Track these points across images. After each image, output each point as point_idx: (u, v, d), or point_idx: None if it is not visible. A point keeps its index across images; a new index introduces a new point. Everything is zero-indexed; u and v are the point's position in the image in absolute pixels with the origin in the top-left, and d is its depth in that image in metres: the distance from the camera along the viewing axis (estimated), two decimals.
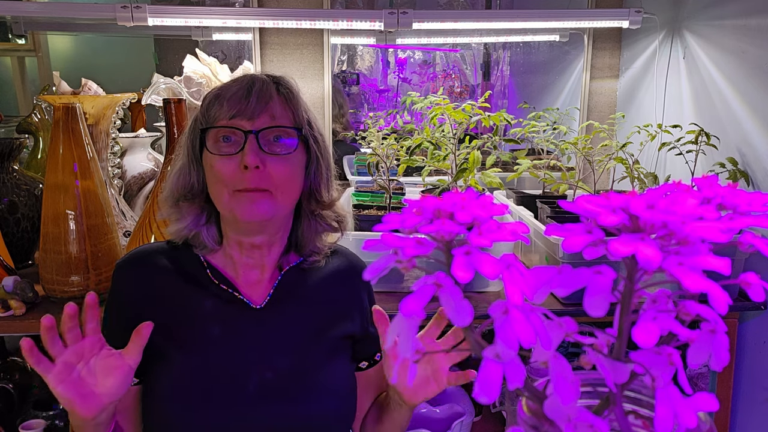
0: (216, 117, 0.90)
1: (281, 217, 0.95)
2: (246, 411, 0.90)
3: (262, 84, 0.91)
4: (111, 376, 0.79)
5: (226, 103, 0.89)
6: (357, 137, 1.71)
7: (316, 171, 0.97)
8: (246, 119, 0.89)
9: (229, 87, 0.91)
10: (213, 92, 0.93)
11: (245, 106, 0.88)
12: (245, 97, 0.89)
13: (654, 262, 0.29)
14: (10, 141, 1.54)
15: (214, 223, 0.98)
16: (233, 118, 0.89)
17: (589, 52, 2.20)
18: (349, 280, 1.04)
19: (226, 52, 2.23)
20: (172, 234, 0.98)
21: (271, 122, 0.90)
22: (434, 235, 0.33)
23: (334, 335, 0.99)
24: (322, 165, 0.97)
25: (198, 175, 0.95)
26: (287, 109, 0.92)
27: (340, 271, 1.05)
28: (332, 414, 0.95)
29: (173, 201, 0.96)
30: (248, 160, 0.87)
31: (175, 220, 0.96)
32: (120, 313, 0.96)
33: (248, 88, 0.90)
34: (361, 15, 1.83)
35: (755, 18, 1.51)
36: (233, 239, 0.97)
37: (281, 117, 0.91)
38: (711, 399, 0.33)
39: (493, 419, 1.76)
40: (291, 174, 0.92)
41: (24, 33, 2.23)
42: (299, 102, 0.94)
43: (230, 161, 0.88)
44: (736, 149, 1.58)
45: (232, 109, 0.89)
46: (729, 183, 0.37)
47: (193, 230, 0.96)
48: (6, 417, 1.67)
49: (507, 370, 0.32)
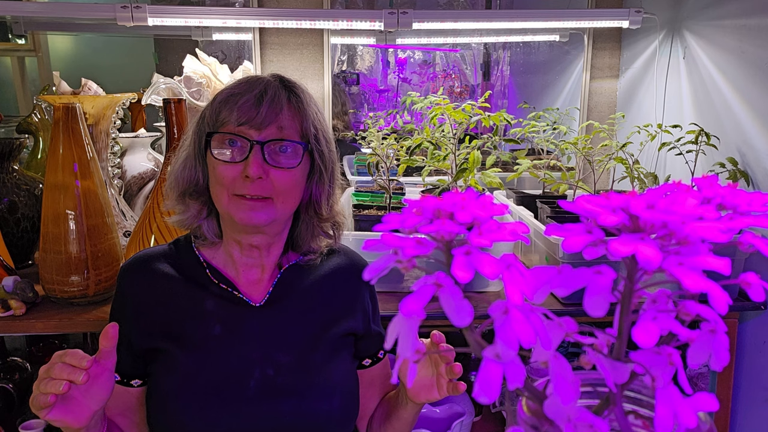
0: (225, 121, 0.90)
1: (280, 221, 0.96)
2: (248, 409, 0.91)
3: (274, 93, 0.90)
4: (94, 385, 0.79)
5: (236, 109, 0.89)
6: (357, 137, 1.71)
7: (318, 183, 0.97)
8: (254, 129, 0.89)
9: (242, 91, 0.91)
10: (225, 92, 0.92)
11: (255, 114, 0.88)
12: (255, 106, 0.89)
13: (654, 262, 0.29)
14: (10, 141, 1.54)
15: (214, 218, 0.99)
16: (241, 125, 0.89)
17: (589, 52, 2.20)
18: (350, 278, 1.05)
19: (226, 52, 2.23)
20: (175, 224, 0.99)
21: (278, 134, 0.90)
22: (434, 235, 0.33)
23: (335, 332, 1.00)
24: (324, 178, 0.97)
25: (203, 172, 0.96)
26: (296, 120, 0.92)
27: (340, 268, 1.05)
28: (334, 410, 0.95)
29: (178, 194, 0.97)
30: (251, 171, 0.87)
31: (179, 212, 0.98)
32: (124, 316, 0.96)
33: (260, 96, 0.89)
34: (361, 15, 1.83)
35: (755, 18, 1.51)
36: (232, 238, 0.98)
37: (289, 129, 0.91)
38: (711, 399, 0.33)
39: (493, 419, 1.76)
40: (293, 184, 0.92)
41: (24, 33, 2.23)
42: (308, 113, 0.94)
43: (233, 167, 0.89)
44: (736, 149, 1.58)
45: (241, 116, 0.89)
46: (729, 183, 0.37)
47: (195, 222, 0.98)
48: (6, 417, 1.67)
49: (507, 370, 0.32)
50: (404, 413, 1.00)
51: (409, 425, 1.02)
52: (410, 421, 1.02)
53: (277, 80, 0.93)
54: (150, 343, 0.94)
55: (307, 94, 0.96)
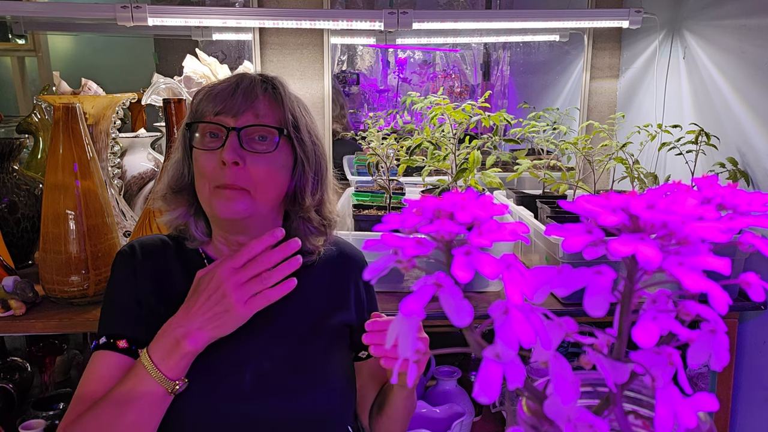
0: (203, 112, 0.92)
1: (262, 216, 0.95)
2: (245, 401, 0.91)
3: (249, 82, 0.92)
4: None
5: (213, 99, 0.91)
6: (357, 137, 1.71)
7: (301, 174, 0.97)
8: (230, 116, 0.90)
9: (219, 84, 0.93)
10: (205, 88, 0.95)
11: (230, 102, 0.90)
12: (231, 95, 0.91)
13: (654, 262, 0.29)
14: (10, 141, 1.54)
15: (202, 218, 0.99)
16: (218, 114, 0.91)
17: (589, 52, 2.20)
18: (344, 269, 1.06)
19: (226, 52, 2.23)
20: (164, 224, 1.00)
21: (255, 120, 0.91)
22: (434, 235, 0.33)
23: (330, 324, 1.00)
24: (307, 169, 0.97)
25: (188, 168, 0.97)
26: (273, 109, 0.93)
27: (334, 260, 1.06)
28: (331, 403, 0.95)
29: (165, 191, 0.98)
30: (226, 156, 0.88)
31: (166, 211, 0.99)
32: (120, 299, 0.96)
33: (235, 85, 0.92)
34: (361, 15, 1.83)
35: (755, 18, 1.51)
36: (220, 235, 0.99)
37: (266, 116, 0.92)
38: (711, 399, 0.33)
39: (493, 419, 1.76)
40: (270, 173, 0.92)
41: (24, 33, 2.23)
42: (285, 102, 0.94)
43: (212, 156, 0.90)
44: (736, 149, 1.58)
45: (217, 105, 0.91)
46: (729, 183, 0.37)
47: (183, 220, 0.98)
48: (6, 417, 1.67)
49: (507, 370, 0.32)
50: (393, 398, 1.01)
51: (402, 411, 1.02)
52: (403, 407, 1.01)
53: (257, 74, 0.96)
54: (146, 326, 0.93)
55: (285, 87, 0.97)
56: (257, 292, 0.83)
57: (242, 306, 0.82)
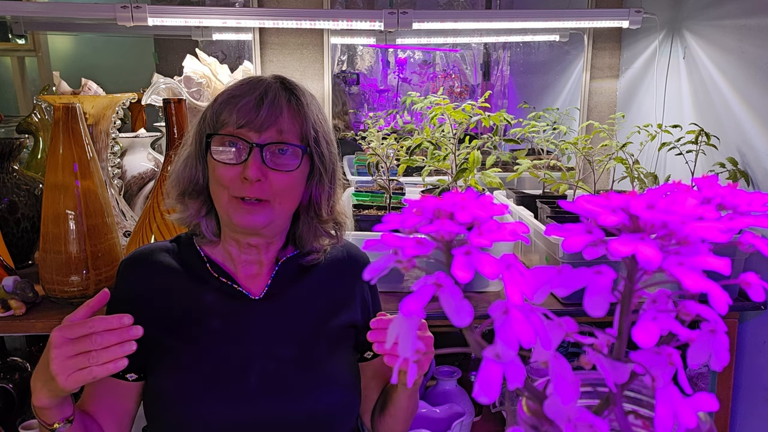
0: (225, 122, 0.91)
1: (278, 223, 0.96)
2: (250, 402, 0.91)
3: (274, 96, 0.91)
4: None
5: (236, 111, 0.89)
6: (357, 137, 1.71)
7: (317, 184, 0.97)
8: (254, 131, 0.89)
9: (242, 93, 0.91)
10: (226, 94, 0.93)
11: (255, 117, 0.89)
12: (256, 109, 0.89)
13: (654, 262, 0.29)
14: (10, 141, 1.54)
15: (213, 217, 0.99)
16: (241, 127, 0.89)
17: (589, 52, 2.20)
18: (348, 270, 1.06)
19: (226, 52, 2.23)
20: (176, 221, 1.00)
21: (278, 137, 0.90)
22: (434, 235, 0.33)
23: (335, 324, 1.00)
24: (324, 179, 0.98)
25: (203, 172, 0.96)
26: (296, 123, 0.92)
27: (338, 261, 1.06)
28: (336, 404, 0.95)
29: (178, 193, 0.98)
30: (250, 173, 0.87)
31: (180, 210, 0.99)
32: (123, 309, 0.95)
33: (260, 98, 0.90)
34: (361, 15, 1.83)
35: (755, 18, 1.51)
36: (230, 236, 0.98)
37: (288, 132, 0.91)
38: (711, 399, 0.33)
39: (493, 419, 1.76)
40: (291, 186, 0.93)
41: (24, 33, 2.23)
42: (309, 115, 0.94)
43: (233, 169, 0.90)
44: (736, 149, 1.58)
45: (241, 118, 0.89)
46: (729, 183, 0.37)
47: (194, 220, 0.99)
48: (6, 417, 1.67)
49: (507, 370, 0.32)
50: (397, 398, 1.01)
51: (404, 410, 1.02)
52: (405, 406, 1.02)
53: (278, 82, 0.93)
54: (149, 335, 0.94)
55: (308, 95, 0.96)
56: (83, 367, 0.77)
57: (65, 378, 0.76)
